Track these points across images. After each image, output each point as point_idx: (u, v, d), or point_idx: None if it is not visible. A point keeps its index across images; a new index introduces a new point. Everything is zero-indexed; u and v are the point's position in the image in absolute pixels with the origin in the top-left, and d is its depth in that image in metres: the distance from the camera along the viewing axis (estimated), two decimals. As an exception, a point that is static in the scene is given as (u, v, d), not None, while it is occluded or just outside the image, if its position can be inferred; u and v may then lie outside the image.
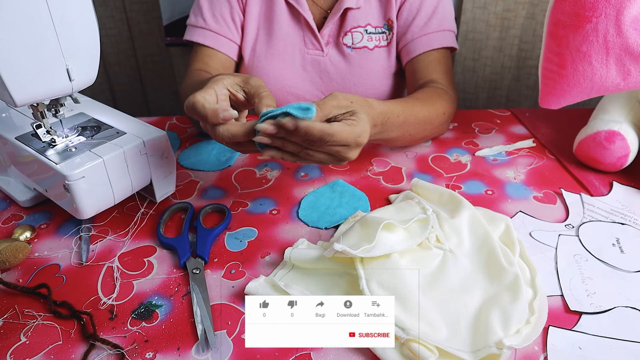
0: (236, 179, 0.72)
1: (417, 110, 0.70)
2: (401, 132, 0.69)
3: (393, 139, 0.70)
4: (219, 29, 0.86)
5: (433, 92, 0.78)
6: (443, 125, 0.79)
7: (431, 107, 0.74)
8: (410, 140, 0.75)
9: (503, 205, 0.65)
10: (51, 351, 0.45)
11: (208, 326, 0.46)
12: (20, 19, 0.46)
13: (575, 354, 0.44)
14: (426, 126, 0.74)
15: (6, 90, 0.48)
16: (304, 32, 0.88)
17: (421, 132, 0.74)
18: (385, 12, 0.87)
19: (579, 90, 0.64)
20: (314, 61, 0.89)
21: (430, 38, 0.84)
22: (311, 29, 0.87)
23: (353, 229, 0.53)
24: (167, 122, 0.91)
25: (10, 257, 0.54)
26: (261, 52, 0.89)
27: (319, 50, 0.88)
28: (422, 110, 0.72)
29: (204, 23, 0.86)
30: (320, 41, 0.87)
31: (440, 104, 0.76)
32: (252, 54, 0.89)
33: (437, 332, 0.45)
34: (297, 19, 0.88)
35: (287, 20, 0.88)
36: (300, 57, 0.89)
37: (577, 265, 0.54)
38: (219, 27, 0.86)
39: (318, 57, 0.89)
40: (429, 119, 0.73)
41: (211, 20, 0.86)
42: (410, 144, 0.80)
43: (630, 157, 0.70)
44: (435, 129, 0.78)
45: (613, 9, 0.57)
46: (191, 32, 0.88)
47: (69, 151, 0.57)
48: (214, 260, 0.56)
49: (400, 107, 0.67)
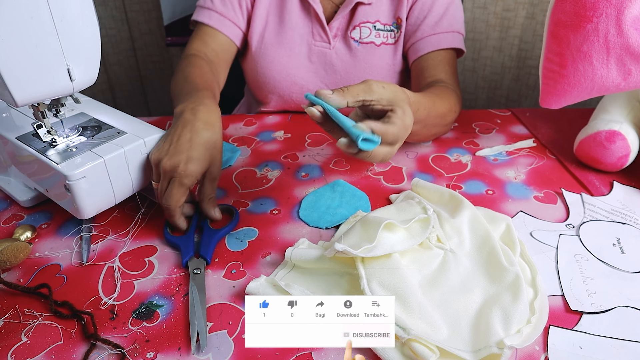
0: (237, 179, 0.72)
1: (438, 105, 0.71)
2: (423, 125, 0.68)
3: (413, 133, 0.66)
4: (225, 12, 0.88)
5: (443, 89, 0.78)
6: (450, 125, 0.80)
7: (447, 103, 0.75)
8: (424, 136, 0.76)
9: (503, 205, 0.65)
10: (52, 351, 0.45)
11: (202, 328, 0.46)
12: (21, 19, 0.46)
13: (575, 353, 0.44)
14: (440, 121, 0.74)
15: (7, 90, 0.48)
16: (313, 23, 0.89)
17: (435, 127, 0.75)
18: (395, 10, 0.87)
19: (580, 90, 0.64)
20: (320, 53, 0.90)
21: (439, 38, 0.85)
22: (320, 21, 0.88)
23: (354, 229, 0.53)
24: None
25: (11, 257, 0.54)
26: (269, 39, 0.90)
27: (326, 42, 0.89)
28: (441, 105, 0.72)
29: (211, 4, 0.88)
30: (328, 34, 0.88)
31: (453, 101, 0.77)
32: (260, 40, 0.90)
33: (437, 332, 0.45)
34: (307, 11, 0.89)
35: (298, 10, 0.89)
36: (307, 48, 0.90)
37: (577, 265, 0.54)
38: (226, 10, 0.88)
39: (324, 49, 0.90)
40: (444, 114, 0.74)
41: (219, 3, 0.88)
42: (421, 141, 0.80)
43: (631, 157, 0.70)
44: (445, 127, 0.79)
45: (614, 9, 0.57)
46: (198, 12, 0.89)
47: (69, 151, 0.57)
48: (215, 260, 0.56)
49: (426, 100, 0.66)
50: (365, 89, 0.52)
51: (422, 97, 0.66)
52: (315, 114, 0.50)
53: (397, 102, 0.53)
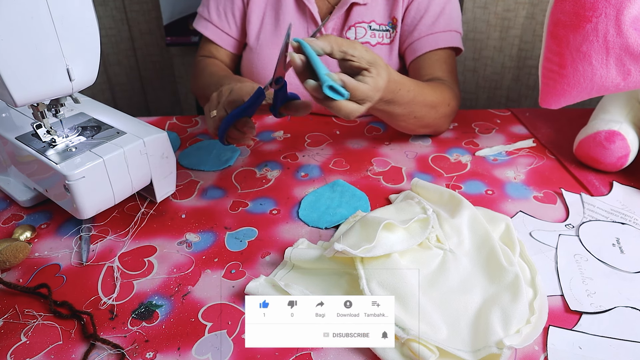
0: (236, 179, 0.72)
1: (427, 92, 0.72)
2: (408, 110, 0.70)
3: (399, 116, 0.72)
4: (219, 23, 0.93)
5: (440, 84, 0.79)
6: (446, 118, 0.80)
7: (439, 94, 0.75)
8: (414, 124, 0.76)
9: (503, 205, 0.65)
10: (51, 351, 0.45)
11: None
12: (21, 19, 0.46)
13: (575, 353, 0.44)
14: (431, 112, 0.75)
15: (6, 90, 0.48)
16: (308, 24, 0.89)
17: (426, 117, 0.75)
18: (391, 10, 0.87)
19: (579, 90, 0.64)
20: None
21: (437, 37, 0.85)
22: (315, 21, 0.88)
23: (353, 228, 0.53)
24: (167, 122, 0.91)
25: (11, 257, 0.54)
26: (264, 40, 0.91)
27: None
28: (431, 94, 0.73)
29: (207, 15, 0.93)
30: (323, 34, 0.88)
31: (448, 95, 0.78)
32: (256, 41, 0.91)
33: (437, 332, 0.45)
34: (303, 11, 0.89)
35: (293, 11, 0.89)
36: None
37: (577, 265, 0.54)
38: (220, 21, 0.93)
39: None
40: (435, 105, 0.75)
41: (214, 12, 0.92)
42: (413, 130, 0.79)
43: (631, 157, 0.70)
44: (439, 119, 0.78)
45: (613, 9, 0.57)
46: (197, 20, 0.95)
47: (69, 151, 0.57)
48: (214, 260, 0.56)
49: (413, 84, 0.69)
50: (350, 43, 0.56)
51: (408, 81, 0.68)
52: (297, 61, 0.54)
53: (376, 65, 0.57)
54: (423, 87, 0.72)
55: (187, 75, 1.69)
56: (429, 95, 0.73)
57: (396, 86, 0.64)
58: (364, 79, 0.56)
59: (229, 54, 0.96)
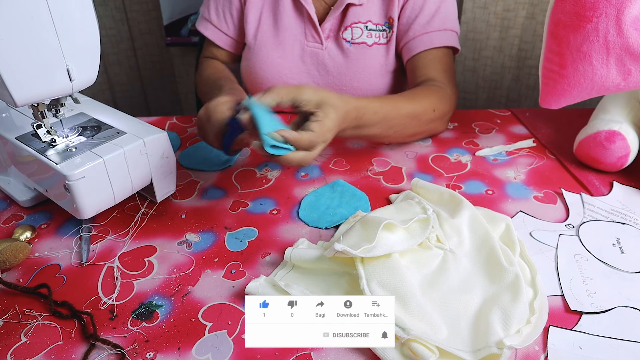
0: (236, 179, 0.72)
1: (401, 106, 0.72)
2: (384, 127, 0.70)
3: (377, 136, 0.72)
4: (218, 23, 0.93)
5: (424, 89, 0.78)
6: (436, 122, 0.79)
7: (417, 103, 0.74)
8: (398, 137, 0.76)
9: (503, 205, 0.65)
10: (51, 351, 0.45)
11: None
12: (21, 19, 0.46)
13: (575, 353, 0.44)
14: (413, 122, 0.74)
15: (6, 90, 0.48)
16: (306, 24, 0.89)
17: (408, 128, 0.75)
18: (387, 10, 0.87)
19: (580, 90, 0.64)
20: (312, 54, 0.90)
21: (431, 36, 0.85)
22: (312, 22, 0.88)
23: (353, 228, 0.53)
24: (167, 122, 0.91)
25: (11, 257, 0.54)
26: (262, 40, 0.91)
27: (319, 43, 0.89)
28: (407, 105, 0.73)
29: (207, 14, 0.94)
30: (320, 34, 0.88)
31: (429, 101, 0.76)
32: (254, 41, 0.92)
33: (437, 332, 0.45)
34: (300, 11, 0.89)
35: (290, 11, 0.89)
36: (300, 48, 0.90)
37: (577, 265, 0.54)
38: (219, 22, 0.93)
39: (317, 50, 0.90)
40: (414, 115, 0.74)
41: (214, 12, 0.93)
42: (402, 140, 0.79)
43: (631, 157, 0.70)
44: (426, 126, 0.78)
45: (613, 9, 0.57)
46: (199, 21, 0.96)
47: (69, 151, 0.57)
48: (214, 260, 0.56)
49: (379, 104, 0.69)
50: (297, 90, 0.58)
51: (375, 101, 0.68)
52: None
53: (323, 106, 0.58)
54: (397, 101, 0.72)
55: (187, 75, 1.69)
56: (405, 108, 0.72)
57: (358, 112, 0.64)
58: (310, 124, 0.56)
59: (229, 54, 0.96)
